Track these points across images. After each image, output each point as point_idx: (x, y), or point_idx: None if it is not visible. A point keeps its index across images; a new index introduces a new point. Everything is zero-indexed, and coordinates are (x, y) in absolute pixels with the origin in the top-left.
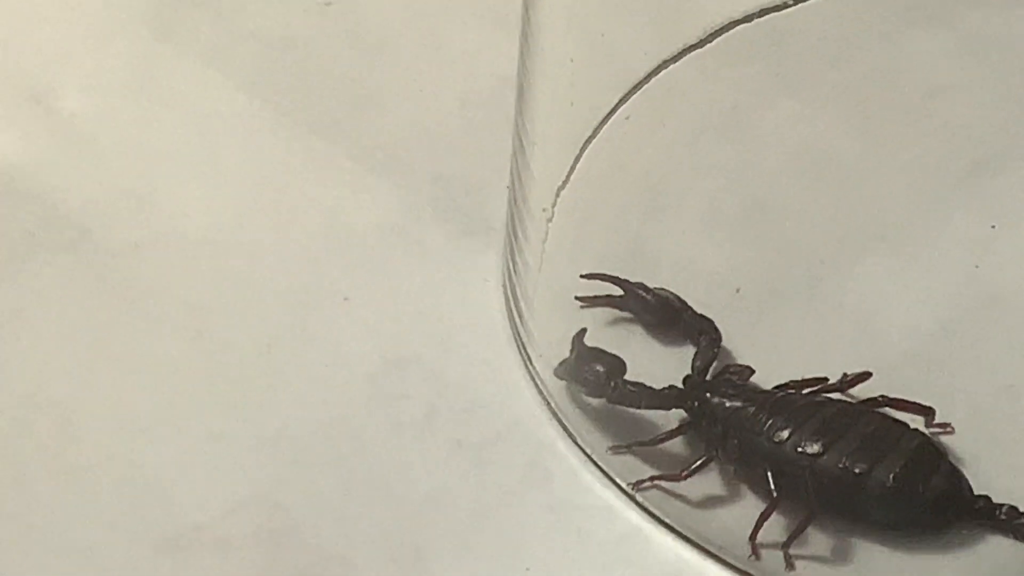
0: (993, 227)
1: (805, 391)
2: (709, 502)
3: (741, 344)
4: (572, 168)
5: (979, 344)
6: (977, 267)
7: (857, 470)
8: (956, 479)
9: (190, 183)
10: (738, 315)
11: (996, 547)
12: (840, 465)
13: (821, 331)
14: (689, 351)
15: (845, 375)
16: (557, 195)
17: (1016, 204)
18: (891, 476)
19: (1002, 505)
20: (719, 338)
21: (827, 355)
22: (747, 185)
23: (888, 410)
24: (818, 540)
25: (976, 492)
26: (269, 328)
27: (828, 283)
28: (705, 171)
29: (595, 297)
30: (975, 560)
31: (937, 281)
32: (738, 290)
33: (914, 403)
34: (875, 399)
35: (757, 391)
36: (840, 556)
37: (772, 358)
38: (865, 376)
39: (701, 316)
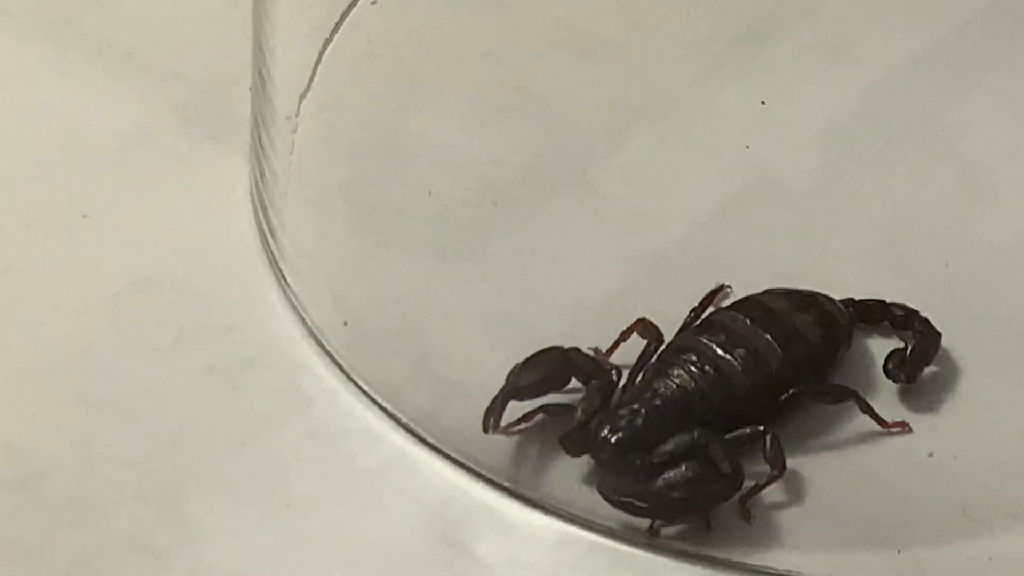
0: (763, 103)
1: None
2: (479, 420)
3: (508, 241)
4: (315, 70)
5: (753, 228)
6: (748, 148)
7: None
8: None
9: None
10: (503, 209)
11: None
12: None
13: (591, 223)
14: None
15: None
16: (300, 102)
17: (785, 77)
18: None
19: None
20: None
21: (598, 248)
22: (507, 69)
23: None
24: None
25: None
26: (2, 251)
27: (595, 172)
28: (462, 56)
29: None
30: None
31: (708, 164)
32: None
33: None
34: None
35: (643, 397)
36: None
37: (541, 254)
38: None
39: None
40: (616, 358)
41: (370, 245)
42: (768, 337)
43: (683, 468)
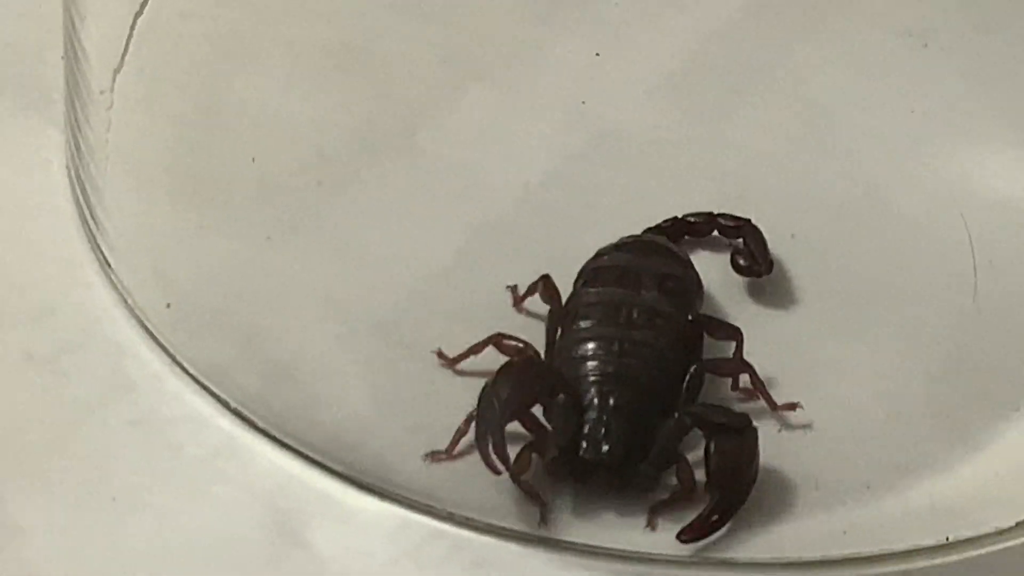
0: (597, 55)
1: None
2: (312, 402)
3: (336, 212)
4: (128, 43)
5: (592, 186)
6: (584, 103)
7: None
8: None
9: None
10: (330, 180)
11: None
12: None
13: (422, 188)
14: None
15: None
16: (115, 76)
17: (620, 26)
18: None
19: None
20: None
21: (432, 215)
22: (329, 28)
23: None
24: None
25: None
26: None
27: (426, 134)
28: (281, 17)
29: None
30: None
31: (543, 121)
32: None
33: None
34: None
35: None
36: None
37: (371, 224)
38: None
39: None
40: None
41: (193, 222)
42: (655, 294)
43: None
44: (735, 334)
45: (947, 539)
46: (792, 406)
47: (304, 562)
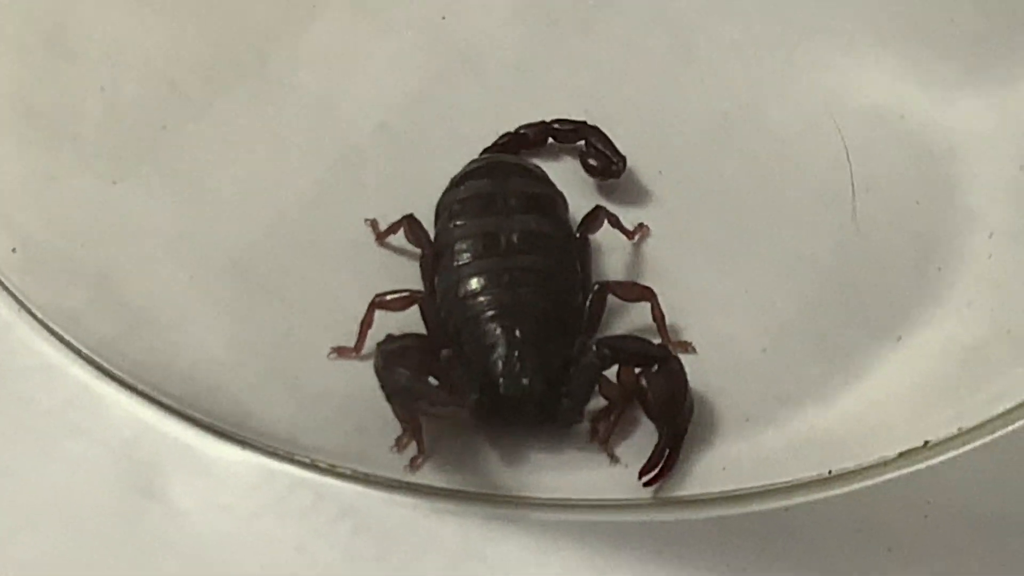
0: None
1: None
2: (167, 348)
3: (186, 147)
4: None
5: (453, 109)
6: (444, 19)
7: None
8: None
9: None
10: (177, 109)
11: None
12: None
13: (273, 119)
14: None
15: None
16: None
17: None
18: None
19: None
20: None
21: (287, 146)
22: None
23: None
24: None
25: None
26: None
27: (276, 61)
28: None
29: None
30: None
31: (400, 42)
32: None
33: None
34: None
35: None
36: None
37: (223, 159)
38: None
39: None
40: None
41: (39, 160)
42: (528, 215)
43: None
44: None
45: (829, 472)
46: (685, 345)
47: (161, 518)
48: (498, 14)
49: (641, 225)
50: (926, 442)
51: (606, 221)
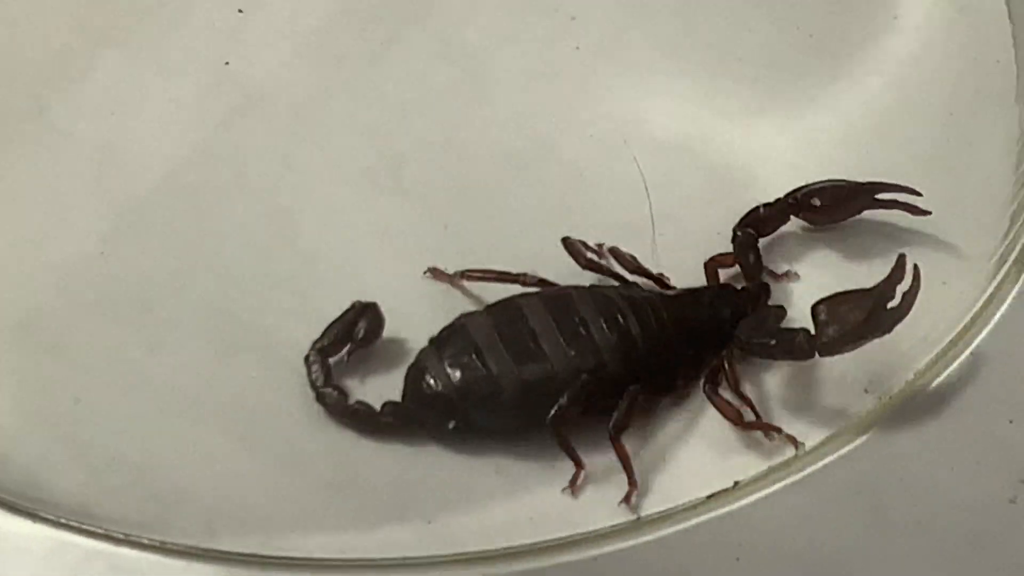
0: (240, 11)
1: None
2: None
3: None
4: None
5: (240, 152)
6: (228, 64)
7: None
8: None
9: None
10: None
11: None
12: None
13: (56, 170)
14: None
15: None
16: None
17: None
18: None
19: None
20: None
21: (67, 198)
22: None
23: None
24: None
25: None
26: None
27: (57, 109)
28: None
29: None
30: None
31: (185, 87)
32: None
33: None
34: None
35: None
36: None
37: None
38: None
39: None
40: None
41: None
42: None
43: None
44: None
45: (638, 518)
46: None
47: None
48: (282, 55)
49: (434, 269)
50: (735, 483)
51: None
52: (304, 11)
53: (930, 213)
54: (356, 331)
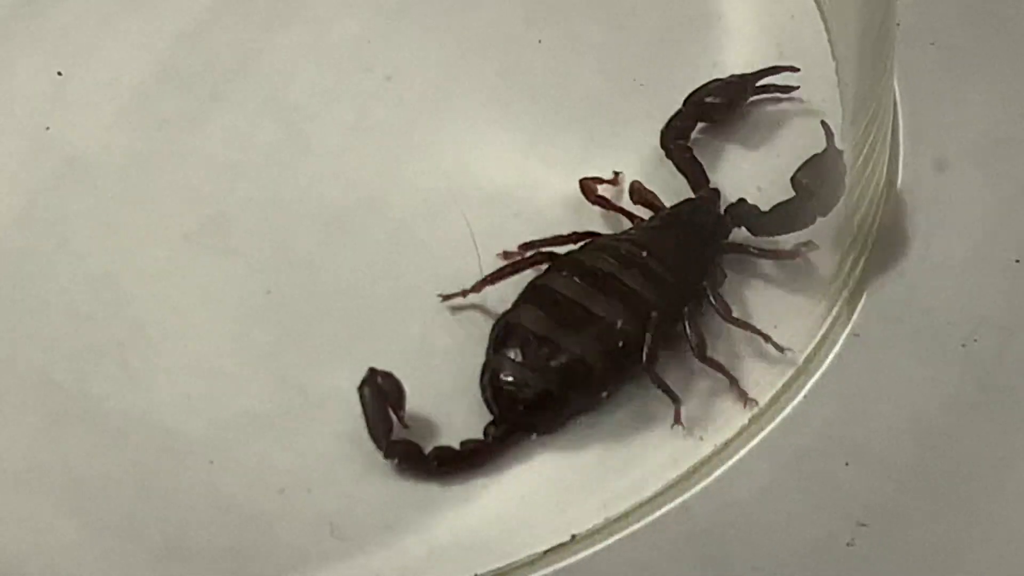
0: (60, 74)
1: None
2: None
3: None
4: None
5: (64, 218)
6: (48, 129)
7: None
8: None
9: None
10: None
11: None
12: None
13: None
14: None
15: None
16: None
17: (81, 37)
18: None
19: None
20: None
21: None
22: None
23: None
24: None
25: None
26: None
27: None
28: None
29: None
30: None
31: (3, 152)
32: None
33: None
34: None
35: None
36: None
37: None
38: None
39: None
40: None
41: None
42: None
43: None
44: None
45: (476, 575)
46: None
47: None
48: (104, 119)
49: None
50: (573, 536)
51: None
52: (125, 72)
53: (798, 87)
54: (389, 401)
